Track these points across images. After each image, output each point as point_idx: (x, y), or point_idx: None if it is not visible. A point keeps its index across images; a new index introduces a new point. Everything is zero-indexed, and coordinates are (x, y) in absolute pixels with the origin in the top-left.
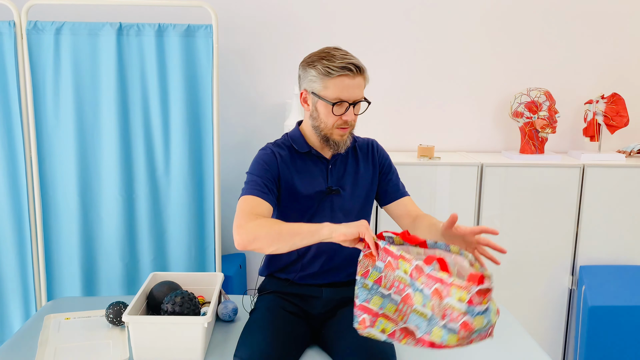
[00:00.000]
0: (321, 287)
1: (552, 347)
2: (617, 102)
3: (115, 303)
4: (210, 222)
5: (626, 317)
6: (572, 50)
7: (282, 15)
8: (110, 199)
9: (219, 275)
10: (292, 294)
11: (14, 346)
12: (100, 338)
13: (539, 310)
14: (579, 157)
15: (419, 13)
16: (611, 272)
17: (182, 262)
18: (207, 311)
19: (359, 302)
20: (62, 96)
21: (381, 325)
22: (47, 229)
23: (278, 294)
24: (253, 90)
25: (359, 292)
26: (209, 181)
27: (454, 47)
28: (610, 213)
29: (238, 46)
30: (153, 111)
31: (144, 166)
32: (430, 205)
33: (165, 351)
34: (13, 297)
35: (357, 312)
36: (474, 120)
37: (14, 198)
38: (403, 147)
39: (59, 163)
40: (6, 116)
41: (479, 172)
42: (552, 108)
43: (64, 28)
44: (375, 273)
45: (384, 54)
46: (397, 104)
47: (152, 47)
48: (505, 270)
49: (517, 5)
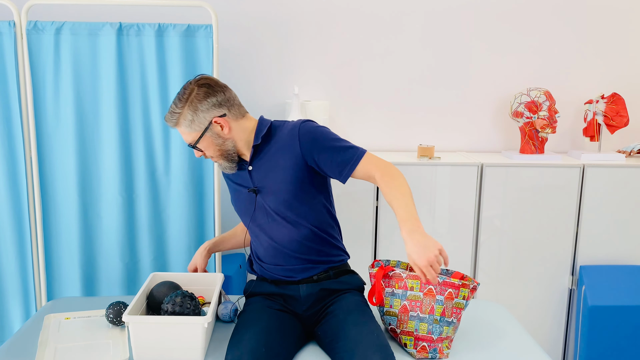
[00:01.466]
0: (298, 283)
1: (552, 347)
2: (617, 102)
3: (115, 303)
4: (210, 222)
5: (626, 317)
6: (572, 50)
7: (282, 15)
8: (110, 199)
9: (219, 275)
10: (275, 294)
11: (14, 346)
12: (100, 338)
13: (539, 310)
14: (579, 157)
15: (419, 13)
16: (611, 272)
17: (182, 262)
18: (207, 311)
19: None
20: (62, 96)
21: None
22: (47, 229)
23: (263, 296)
24: (253, 90)
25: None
26: (209, 181)
27: (454, 47)
28: (610, 213)
29: (238, 46)
30: (153, 111)
31: (144, 166)
32: (430, 205)
33: (165, 351)
34: (13, 297)
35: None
36: (474, 120)
37: (14, 198)
38: (403, 147)
39: (59, 163)
40: (6, 116)
41: (479, 172)
42: (552, 108)
43: (64, 28)
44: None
45: (384, 53)
46: (397, 104)
47: (152, 47)
48: (505, 270)
49: (517, 5)
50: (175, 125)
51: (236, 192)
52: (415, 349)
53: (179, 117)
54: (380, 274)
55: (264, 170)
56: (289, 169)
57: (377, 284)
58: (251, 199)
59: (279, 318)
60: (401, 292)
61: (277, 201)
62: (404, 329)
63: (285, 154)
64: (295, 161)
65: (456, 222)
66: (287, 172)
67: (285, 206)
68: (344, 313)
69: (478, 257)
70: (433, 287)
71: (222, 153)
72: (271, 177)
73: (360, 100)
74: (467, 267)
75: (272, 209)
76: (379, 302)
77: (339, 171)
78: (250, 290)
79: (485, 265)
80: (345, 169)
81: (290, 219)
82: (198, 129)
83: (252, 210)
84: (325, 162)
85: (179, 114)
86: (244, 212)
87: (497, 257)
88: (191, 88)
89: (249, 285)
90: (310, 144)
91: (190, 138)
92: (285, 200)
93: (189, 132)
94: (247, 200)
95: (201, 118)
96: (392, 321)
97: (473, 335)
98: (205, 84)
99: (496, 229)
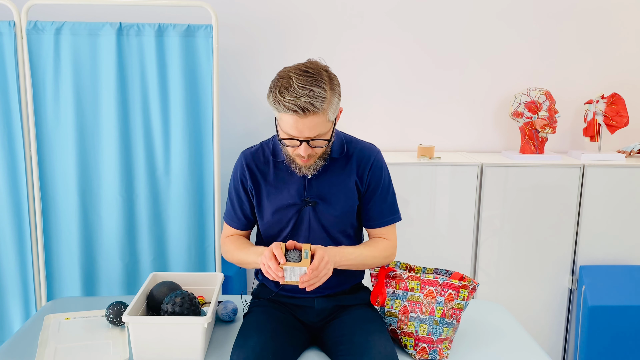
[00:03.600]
0: (313, 297)
1: (552, 347)
2: (617, 102)
3: (115, 303)
4: (210, 222)
5: (626, 317)
6: (572, 50)
7: (282, 15)
8: (110, 199)
9: (219, 275)
10: (284, 304)
11: (14, 346)
12: (100, 338)
13: (539, 310)
14: (579, 157)
15: (420, 13)
16: (611, 272)
17: (182, 262)
18: (207, 311)
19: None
20: (62, 96)
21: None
22: (47, 229)
23: (272, 300)
24: (253, 90)
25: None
26: (209, 181)
27: (454, 47)
28: (610, 213)
29: (238, 46)
30: (153, 111)
31: (144, 166)
32: (430, 205)
33: (165, 351)
34: (13, 297)
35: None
36: (474, 120)
37: (14, 198)
38: (403, 147)
39: (59, 163)
40: (6, 116)
41: (479, 172)
42: (552, 108)
43: (64, 28)
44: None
45: (384, 53)
46: (397, 104)
47: (152, 47)
48: (505, 270)
49: (518, 5)
50: (317, 112)
51: (277, 200)
52: (415, 349)
53: (326, 102)
54: (383, 274)
55: (325, 182)
56: (352, 188)
57: (381, 284)
58: (295, 211)
59: (288, 325)
60: (402, 293)
61: (331, 216)
62: (404, 330)
63: (352, 173)
64: (358, 182)
65: (456, 222)
66: (349, 190)
67: (337, 222)
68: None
69: (478, 257)
70: (433, 288)
71: (325, 150)
72: (333, 191)
73: (361, 100)
74: (467, 267)
75: (323, 223)
76: (383, 303)
77: (376, 216)
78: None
79: (485, 265)
80: (378, 221)
81: (334, 236)
82: (332, 119)
83: (294, 222)
84: (371, 202)
85: (326, 98)
86: (282, 223)
87: (497, 257)
88: (326, 72)
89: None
90: (377, 179)
91: (325, 129)
92: (337, 217)
93: (326, 122)
94: (291, 211)
95: (336, 107)
96: (392, 322)
97: (473, 335)
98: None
99: (496, 229)
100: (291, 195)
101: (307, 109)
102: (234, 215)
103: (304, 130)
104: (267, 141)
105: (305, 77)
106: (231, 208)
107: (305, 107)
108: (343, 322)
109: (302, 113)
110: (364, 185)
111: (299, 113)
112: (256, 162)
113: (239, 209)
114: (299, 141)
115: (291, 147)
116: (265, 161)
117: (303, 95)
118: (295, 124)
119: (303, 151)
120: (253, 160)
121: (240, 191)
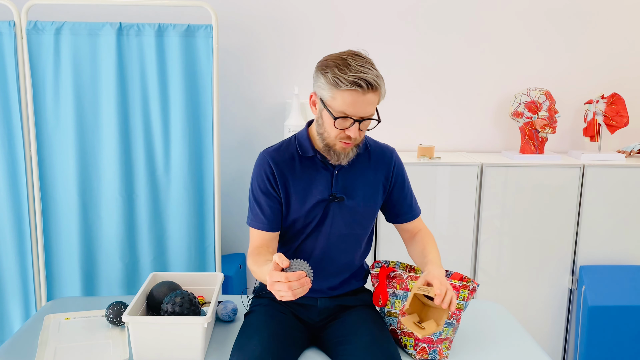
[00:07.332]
0: (316, 297)
1: (552, 347)
2: (617, 102)
3: (115, 303)
4: (210, 222)
5: (626, 317)
6: (572, 50)
7: (282, 15)
8: (110, 199)
9: (219, 275)
10: (286, 302)
11: (14, 346)
12: (100, 338)
13: (539, 310)
14: (579, 157)
15: (420, 13)
16: (611, 272)
17: (182, 262)
18: (207, 311)
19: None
20: (62, 96)
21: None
22: (47, 229)
23: (273, 300)
24: (253, 90)
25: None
26: (209, 181)
27: (454, 47)
28: (610, 213)
29: (238, 46)
30: (153, 111)
31: (144, 166)
32: (430, 205)
33: (165, 351)
34: (13, 297)
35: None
36: (474, 120)
37: (14, 198)
38: (403, 147)
39: (59, 163)
40: (6, 116)
41: (479, 172)
42: (552, 108)
43: (64, 28)
44: None
45: (385, 53)
46: (397, 104)
47: (152, 47)
48: (505, 270)
49: (518, 6)
50: (378, 88)
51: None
52: (415, 350)
53: (381, 81)
54: (384, 274)
55: (350, 177)
56: (379, 184)
57: (382, 284)
58: (323, 207)
59: (288, 326)
60: (402, 293)
61: (355, 211)
62: (404, 330)
63: (377, 170)
64: (383, 180)
65: (456, 222)
66: (373, 185)
67: (360, 217)
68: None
69: (478, 257)
70: None
71: (363, 139)
72: (358, 186)
73: None
74: (467, 267)
75: (347, 218)
76: (385, 303)
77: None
78: (262, 293)
79: (485, 265)
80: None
81: (357, 232)
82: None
83: (319, 218)
84: (400, 198)
85: (380, 78)
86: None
87: (497, 257)
88: (367, 58)
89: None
90: (401, 176)
91: (373, 110)
92: (361, 213)
93: (377, 103)
94: (319, 207)
95: (384, 93)
96: (392, 322)
97: (473, 335)
98: None
99: (496, 229)
100: (320, 191)
101: (370, 84)
102: (262, 218)
103: (362, 107)
104: (289, 139)
105: (360, 58)
106: (258, 210)
107: (369, 80)
108: (344, 322)
109: (365, 88)
110: (390, 182)
111: (362, 89)
112: (282, 159)
113: (268, 209)
114: (353, 120)
115: (340, 129)
116: (291, 157)
117: (365, 72)
118: (354, 100)
119: (354, 132)
120: (278, 157)
121: (268, 189)
